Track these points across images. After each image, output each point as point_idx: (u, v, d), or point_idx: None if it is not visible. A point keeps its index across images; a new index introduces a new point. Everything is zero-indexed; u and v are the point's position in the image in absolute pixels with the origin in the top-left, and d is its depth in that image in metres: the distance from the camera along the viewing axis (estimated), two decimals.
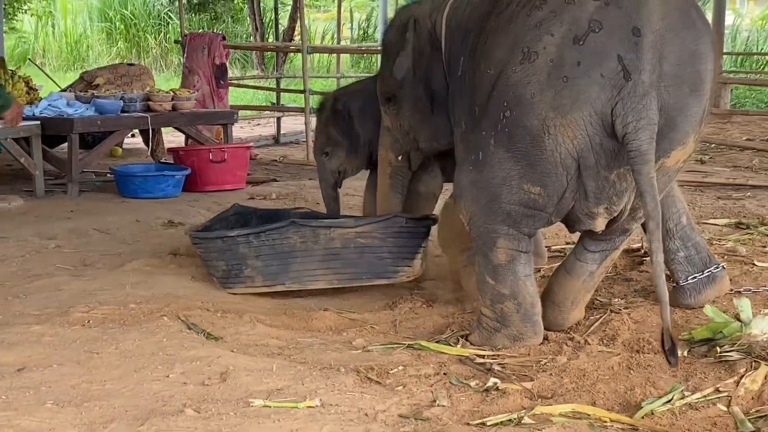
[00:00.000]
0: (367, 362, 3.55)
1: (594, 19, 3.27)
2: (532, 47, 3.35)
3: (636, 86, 3.21)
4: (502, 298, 3.68)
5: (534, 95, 3.33)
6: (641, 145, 3.20)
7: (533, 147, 3.38)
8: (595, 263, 3.87)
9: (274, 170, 9.09)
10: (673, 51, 3.28)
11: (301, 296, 4.56)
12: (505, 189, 3.50)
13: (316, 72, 19.47)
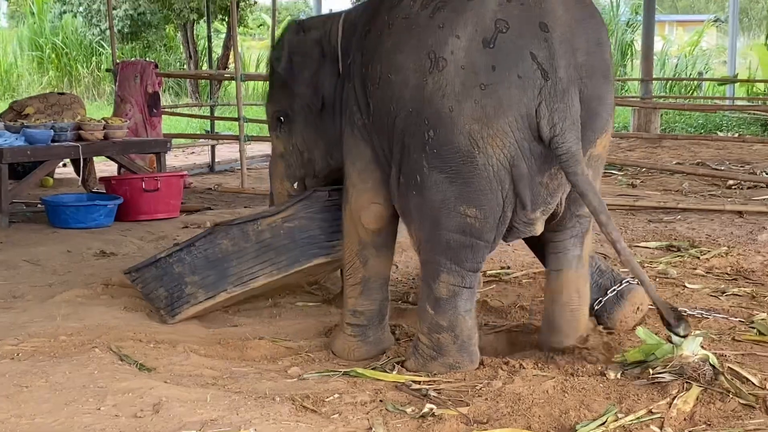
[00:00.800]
0: (302, 391, 3.53)
1: (499, 18, 3.17)
2: (438, 52, 3.21)
3: (555, 84, 3.15)
4: (440, 329, 3.62)
5: (452, 108, 3.21)
6: (570, 146, 3.16)
7: (464, 164, 3.27)
8: (575, 248, 3.80)
9: (209, 198, 9.02)
10: (582, 42, 3.24)
11: (236, 325, 4.53)
12: (444, 213, 3.41)
13: (250, 99, 19.43)
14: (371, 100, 3.56)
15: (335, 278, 5.33)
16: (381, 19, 3.50)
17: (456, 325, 3.60)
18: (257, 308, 4.82)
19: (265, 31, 25.85)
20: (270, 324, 4.56)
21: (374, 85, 3.50)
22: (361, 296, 4.04)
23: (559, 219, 3.67)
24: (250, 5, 20.67)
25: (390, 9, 3.45)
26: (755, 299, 4.87)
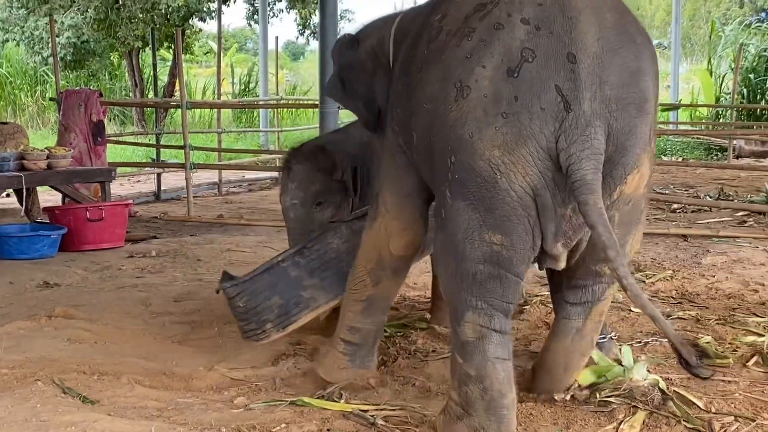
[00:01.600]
0: (248, 421, 3.49)
1: (527, 47, 3.02)
2: (464, 81, 3.10)
3: (577, 117, 2.97)
4: (468, 379, 3.23)
5: (473, 134, 3.06)
6: (585, 174, 2.95)
7: (486, 189, 3.08)
8: (579, 318, 3.57)
9: (155, 227, 8.95)
10: (614, 73, 3.04)
11: (182, 355, 4.47)
12: (468, 244, 3.16)
13: (197, 127, 19.37)
14: (414, 132, 3.45)
15: None
16: (421, 51, 3.43)
17: (485, 375, 3.19)
18: (203, 338, 4.78)
19: (212, 58, 25.81)
20: (216, 353, 4.51)
21: (415, 117, 3.41)
22: (362, 314, 3.98)
23: (576, 270, 3.44)
24: (195, 33, 20.60)
25: (429, 42, 3.38)
26: (700, 322, 4.92)
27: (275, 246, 7.40)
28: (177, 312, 5.25)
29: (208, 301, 5.42)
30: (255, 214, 9.80)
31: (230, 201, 11.41)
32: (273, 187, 12.95)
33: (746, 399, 3.73)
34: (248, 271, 4.30)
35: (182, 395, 3.92)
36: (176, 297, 5.60)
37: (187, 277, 6.24)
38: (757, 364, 4.20)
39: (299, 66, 40.56)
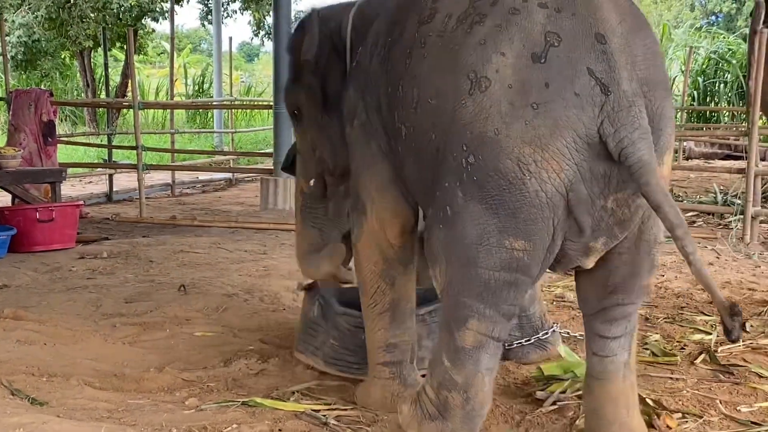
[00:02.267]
0: (200, 422, 3.48)
1: (549, 30, 2.78)
2: (480, 72, 2.81)
3: (619, 99, 2.73)
4: (452, 386, 3.00)
5: (499, 131, 2.77)
6: (642, 155, 2.69)
7: (511, 192, 2.79)
8: (625, 351, 3.19)
9: (106, 228, 8.88)
10: (640, 54, 2.84)
11: (133, 357, 4.45)
12: (483, 250, 2.87)
13: (149, 128, 19.24)
14: (404, 126, 3.18)
15: (236, 307, 5.30)
16: (410, 34, 3.16)
17: (472, 385, 2.99)
18: (154, 339, 4.75)
19: (165, 58, 25.66)
20: (168, 354, 4.49)
21: (409, 110, 3.12)
22: (392, 326, 3.66)
23: (623, 287, 3.10)
24: (148, 33, 20.48)
25: (420, 24, 3.11)
26: (649, 321, 4.98)
27: (228, 247, 7.39)
28: (128, 313, 5.21)
29: (159, 303, 5.39)
30: (208, 216, 9.77)
31: (183, 202, 11.35)
32: (227, 188, 12.91)
33: (694, 396, 3.79)
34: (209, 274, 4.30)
35: (133, 396, 3.89)
36: (127, 298, 5.57)
37: (139, 278, 6.20)
38: (704, 361, 4.26)
39: (254, 67, 40.50)
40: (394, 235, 3.57)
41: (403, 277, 3.66)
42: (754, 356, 4.34)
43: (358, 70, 3.55)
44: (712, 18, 27.87)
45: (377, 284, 3.64)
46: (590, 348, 3.23)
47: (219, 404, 3.71)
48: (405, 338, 3.69)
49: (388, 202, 3.52)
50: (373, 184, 3.54)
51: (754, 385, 3.94)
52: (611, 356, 3.17)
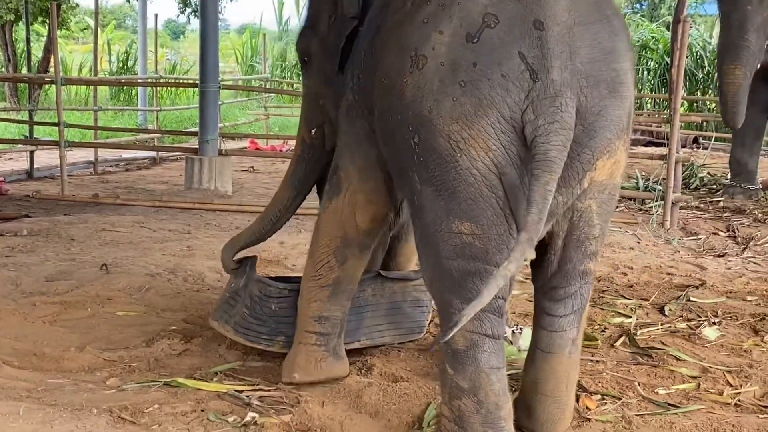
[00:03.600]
0: (120, 402, 3.44)
1: (489, 12, 2.76)
2: (419, 50, 2.83)
3: (546, 87, 2.69)
4: (460, 393, 2.95)
5: (431, 109, 2.78)
6: (549, 150, 2.65)
7: (447, 171, 2.79)
8: (573, 327, 3.17)
9: (27, 206, 8.71)
10: (584, 47, 2.77)
11: (53, 336, 4.38)
12: (439, 237, 2.86)
13: (72, 104, 18.92)
14: (376, 109, 3.16)
15: (160, 287, 5.25)
16: (388, 18, 3.15)
17: (479, 386, 2.92)
18: (75, 318, 4.69)
19: (89, 34, 25.23)
20: (89, 334, 4.44)
21: (377, 92, 3.11)
22: (329, 300, 3.70)
23: (561, 275, 3.10)
24: (71, 8, 20.09)
25: (395, 11, 3.10)
26: None
27: (152, 226, 7.31)
28: (48, 292, 5.13)
29: (80, 282, 5.31)
30: (132, 194, 9.64)
31: (106, 180, 11.19)
32: (151, 167, 12.76)
33: (613, 378, 3.85)
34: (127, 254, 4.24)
35: (53, 376, 3.84)
36: (48, 277, 5.48)
37: (60, 257, 6.10)
38: (624, 344, 4.34)
39: (179, 45, 40.00)
40: (363, 220, 3.56)
41: (355, 260, 3.66)
42: (672, 339, 4.43)
43: (356, 46, 3.49)
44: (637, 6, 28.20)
45: (327, 259, 3.65)
46: (538, 323, 3.23)
47: (140, 384, 3.69)
48: (338, 314, 3.72)
49: (367, 187, 3.50)
50: (355, 165, 3.51)
51: (672, 367, 4.02)
52: (560, 332, 3.17)
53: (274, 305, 3.87)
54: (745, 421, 3.43)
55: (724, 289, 5.48)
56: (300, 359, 3.71)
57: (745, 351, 4.30)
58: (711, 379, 3.91)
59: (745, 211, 8.39)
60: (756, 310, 5.01)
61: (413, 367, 3.96)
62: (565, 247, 3.04)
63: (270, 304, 3.87)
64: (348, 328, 3.90)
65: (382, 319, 4.10)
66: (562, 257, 3.06)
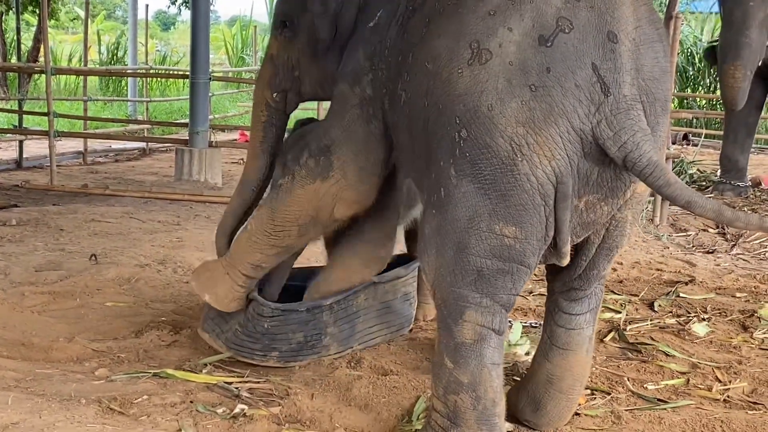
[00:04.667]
0: (109, 392, 3.44)
1: (563, 16, 2.67)
2: (483, 43, 2.70)
3: (618, 102, 2.65)
4: (459, 387, 2.89)
5: (492, 107, 2.67)
6: (651, 157, 2.61)
7: (503, 173, 2.69)
8: (589, 326, 3.22)
9: (16, 196, 8.68)
10: (647, 65, 2.74)
11: (42, 326, 4.37)
12: (474, 234, 2.77)
13: (62, 94, 18.86)
14: (404, 93, 3.06)
15: (149, 278, 5.24)
16: (431, 3, 3.04)
17: (479, 382, 2.87)
18: (64, 308, 4.67)
19: (79, 25, 25.17)
20: (77, 324, 4.42)
21: (410, 76, 3.02)
22: (274, 257, 3.77)
23: (583, 277, 3.12)
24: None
25: None
26: None
27: (141, 217, 7.29)
28: (37, 282, 5.11)
29: (70, 272, 5.30)
30: (121, 185, 9.62)
31: (96, 171, 11.15)
32: (141, 157, 12.73)
33: (603, 373, 3.86)
34: (121, 244, 4.22)
35: (41, 366, 3.83)
36: (37, 267, 5.46)
37: (49, 247, 6.08)
38: (613, 339, 4.35)
39: (170, 36, 39.94)
40: (342, 213, 3.57)
41: (314, 234, 3.75)
42: (661, 335, 4.43)
43: (373, 33, 3.38)
44: None
45: (290, 228, 3.67)
46: (554, 321, 3.23)
47: (129, 375, 3.68)
48: (271, 266, 3.83)
49: (362, 188, 3.46)
50: (357, 164, 3.46)
51: (661, 363, 4.03)
52: (578, 329, 3.20)
53: (267, 324, 3.85)
54: (734, 416, 3.43)
55: (714, 286, 5.49)
56: (220, 289, 3.80)
57: (734, 347, 4.31)
58: (700, 374, 3.92)
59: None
60: (745, 306, 5.02)
61: (403, 360, 3.95)
62: (596, 254, 3.03)
63: (263, 322, 3.85)
64: (341, 336, 3.94)
65: (374, 320, 4.09)
66: (591, 263, 3.07)
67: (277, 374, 3.74)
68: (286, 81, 3.82)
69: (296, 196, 3.60)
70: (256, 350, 3.87)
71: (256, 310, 3.87)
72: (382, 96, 3.28)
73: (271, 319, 3.86)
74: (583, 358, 3.23)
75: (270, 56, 3.86)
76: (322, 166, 3.51)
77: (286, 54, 3.80)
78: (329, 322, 3.91)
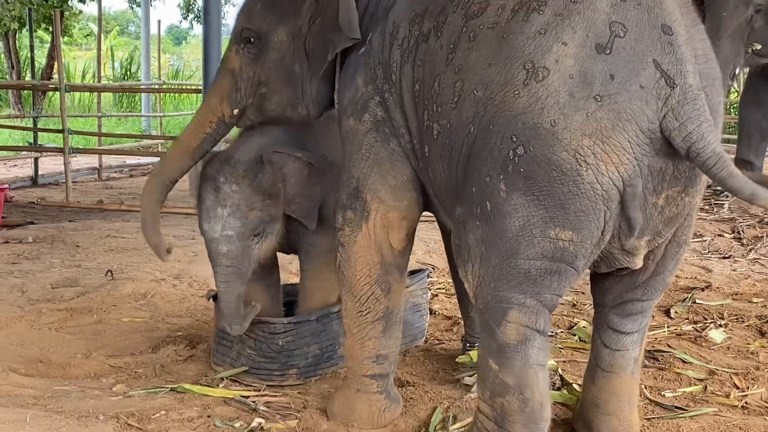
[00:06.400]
0: (127, 408, 3.45)
1: (614, 20, 2.66)
2: (537, 62, 2.68)
3: (685, 92, 2.63)
4: (505, 390, 2.85)
5: (555, 122, 2.64)
6: (715, 148, 2.59)
7: (563, 183, 2.67)
8: (636, 347, 3.15)
9: (32, 212, 8.74)
10: (700, 48, 2.76)
11: (59, 342, 4.39)
12: (524, 241, 2.74)
13: (76, 111, 18.96)
14: (437, 123, 2.99)
15: (165, 293, 5.26)
16: (454, 29, 2.96)
17: (526, 383, 2.83)
18: (81, 325, 4.69)
19: (92, 41, 25.30)
20: (95, 340, 4.44)
21: (447, 105, 2.94)
22: (384, 335, 3.43)
23: (647, 284, 3.05)
24: (75, 15, 20.15)
25: (468, 18, 2.92)
26: (576, 307, 5.05)
27: None
28: (54, 299, 5.14)
29: (86, 288, 5.32)
30: (136, 200, 9.64)
31: (110, 186, 11.21)
32: None
33: None
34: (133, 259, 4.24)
35: (59, 383, 3.85)
36: (54, 284, 5.49)
37: (65, 263, 6.11)
38: None
39: (182, 50, 40.10)
40: (398, 239, 3.37)
41: (398, 285, 3.45)
42: (678, 342, 4.42)
43: (369, 58, 3.28)
44: None
45: (372, 290, 3.39)
46: (601, 339, 3.17)
47: (147, 391, 3.69)
48: (394, 349, 3.49)
49: (401, 205, 3.34)
50: (388, 185, 3.33)
51: (678, 370, 4.01)
52: (623, 351, 3.12)
53: (281, 341, 3.84)
54: (753, 423, 3.42)
55: (730, 291, 5.47)
56: (362, 410, 3.44)
57: (751, 353, 4.29)
58: (718, 381, 3.90)
59: (751, 212, 8.38)
60: (762, 312, 5.00)
61: (419, 371, 3.96)
62: (665, 253, 2.97)
63: (277, 340, 3.85)
64: None
65: None
66: (659, 265, 2.99)
67: (293, 387, 3.75)
68: (248, 96, 3.67)
69: (356, 253, 3.39)
70: (274, 371, 3.85)
71: (267, 330, 3.86)
72: (401, 119, 3.20)
73: (284, 335, 3.85)
74: (627, 380, 3.17)
75: (230, 69, 3.68)
76: (359, 210, 3.35)
77: (252, 70, 3.64)
78: (340, 331, 3.84)
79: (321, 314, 3.90)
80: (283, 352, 3.84)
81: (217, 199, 3.70)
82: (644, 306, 3.09)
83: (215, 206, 3.71)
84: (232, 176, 3.72)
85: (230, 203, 3.70)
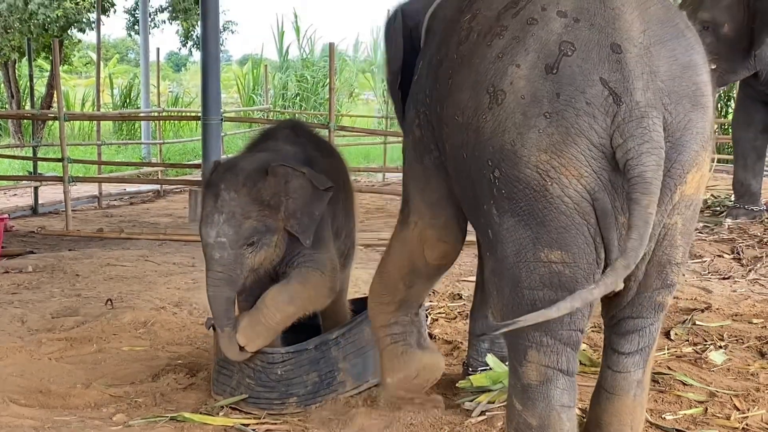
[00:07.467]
0: None
1: (564, 40, 2.71)
2: (497, 85, 2.77)
3: (630, 110, 2.65)
4: (528, 429, 2.87)
5: (514, 142, 2.71)
6: (645, 171, 2.60)
7: (537, 200, 2.72)
8: (639, 368, 3.08)
9: (32, 242, 8.75)
10: (663, 65, 2.73)
11: (59, 372, 4.38)
12: (523, 267, 2.78)
13: (76, 139, 19.00)
14: (446, 144, 3.11)
15: (165, 321, 5.26)
16: (451, 55, 3.11)
17: (549, 425, 2.84)
18: (81, 354, 4.69)
19: (92, 68, 25.38)
20: (95, 370, 4.44)
21: (448, 128, 3.07)
22: (395, 312, 3.70)
23: (635, 302, 3.00)
24: (74, 43, 20.23)
25: (459, 44, 3.05)
26: None
27: (156, 260, 7.32)
28: (54, 328, 5.14)
29: (86, 318, 5.32)
30: (136, 228, 9.67)
31: (110, 214, 11.22)
32: (155, 200, 12.79)
33: None
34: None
35: (59, 413, 3.84)
36: (54, 313, 5.49)
37: (65, 293, 6.12)
38: None
39: (181, 77, 40.20)
40: (433, 257, 3.49)
41: (423, 285, 3.68)
42: (678, 364, 4.41)
43: (416, 85, 3.45)
44: None
45: (395, 283, 3.64)
46: (605, 360, 3.14)
47: (147, 420, 3.69)
48: (406, 319, 3.72)
49: (438, 223, 3.42)
50: (425, 201, 3.44)
51: (679, 392, 4.01)
52: (624, 372, 3.08)
53: (279, 370, 3.86)
54: None
55: (730, 312, 5.47)
56: (384, 362, 3.72)
57: (751, 374, 4.29)
58: (718, 403, 3.90)
59: (750, 233, 8.38)
60: (762, 332, 5.00)
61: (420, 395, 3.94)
62: (647, 272, 2.92)
63: (276, 369, 3.86)
64: (354, 372, 3.94)
65: None
66: (642, 284, 2.94)
67: (294, 415, 3.75)
68: None
69: (394, 249, 3.64)
70: (273, 399, 3.86)
71: (266, 360, 3.87)
72: (431, 137, 3.30)
73: (282, 364, 3.86)
74: (629, 403, 3.10)
75: None
76: (404, 215, 3.55)
77: None
78: (339, 357, 3.91)
79: (319, 342, 3.91)
80: (282, 381, 3.85)
81: (215, 206, 3.73)
82: (637, 324, 3.02)
83: (213, 212, 3.73)
84: (232, 183, 3.74)
85: (227, 210, 3.71)
